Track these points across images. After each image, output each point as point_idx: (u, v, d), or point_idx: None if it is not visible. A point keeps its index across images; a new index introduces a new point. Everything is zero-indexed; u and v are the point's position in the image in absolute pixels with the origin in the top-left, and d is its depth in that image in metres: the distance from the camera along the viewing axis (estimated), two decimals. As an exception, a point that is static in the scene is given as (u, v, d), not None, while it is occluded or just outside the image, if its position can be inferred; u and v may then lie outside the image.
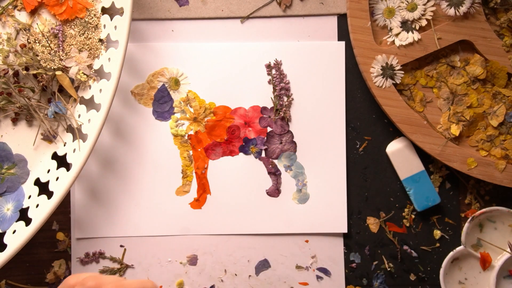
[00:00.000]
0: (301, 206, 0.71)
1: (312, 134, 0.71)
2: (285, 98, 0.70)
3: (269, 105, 0.71)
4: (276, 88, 0.70)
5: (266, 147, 0.71)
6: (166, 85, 0.70)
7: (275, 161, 0.71)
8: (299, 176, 0.71)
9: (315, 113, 0.71)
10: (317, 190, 0.71)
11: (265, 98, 0.70)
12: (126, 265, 0.70)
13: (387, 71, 0.68)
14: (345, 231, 0.71)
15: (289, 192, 0.71)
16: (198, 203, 0.70)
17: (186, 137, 0.70)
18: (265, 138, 0.71)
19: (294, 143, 0.71)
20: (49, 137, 0.68)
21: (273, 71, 0.70)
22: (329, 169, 0.71)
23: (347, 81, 0.71)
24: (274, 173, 0.71)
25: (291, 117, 0.71)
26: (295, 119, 0.71)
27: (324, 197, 0.71)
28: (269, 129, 0.71)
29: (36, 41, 0.67)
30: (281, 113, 0.70)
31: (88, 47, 0.67)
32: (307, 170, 0.71)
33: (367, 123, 0.72)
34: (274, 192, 0.71)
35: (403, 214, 0.72)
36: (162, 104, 0.70)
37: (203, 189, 0.70)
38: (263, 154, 0.71)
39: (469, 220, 0.70)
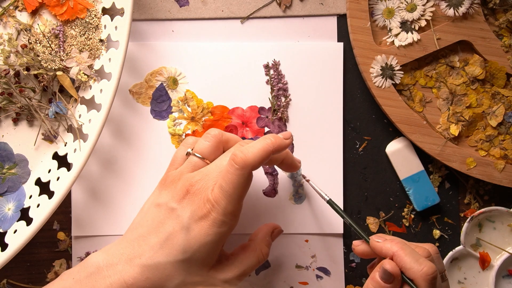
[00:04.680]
0: (297, 206, 0.71)
1: (309, 134, 0.71)
2: (283, 99, 0.70)
3: (267, 105, 0.71)
4: (274, 88, 0.70)
5: (265, 147, 0.71)
6: (164, 84, 0.70)
7: (274, 161, 0.71)
8: (296, 177, 0.71)
9: (313, 114, 0.71)
10: (314, 191, 0.71)
11: (263, 98, 0.71)
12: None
13: (387, 71, 0.68)
14: (341, 231, 0.71)
15: (286, 192, 0.71)
16: (198, 202, 0.71)
17: (183, 137, 0.70)
18: (264, 138, 0.71)
19: (291, 143, 0.71)
20: (50, 137, 0.69)
21: (271, 72, 0.70)
22: (326, 170, 0.71)
23: (347, 81, 0.71)
24: (271, 173, 0.71)
25: (289, 118, 0.71)
26: (292, 119, 0.71)
27: (321, 197, 0.71)
28: (266, 129, 0.71)
29: (37, 42, 0.67)
30: (278, 113, 0.70)
31: (89, 48, 0.68)
32: (304, 171, 0.71)
33: (367, 123, 0.72)
34: (271, 192, 0.71)
35: (403, 214, 0.72)
36: (160, 103, 0.70)
37: (203, 188, 0.70)
38: (263, 154, 0.71)
39: (468, 220, 0.70)
